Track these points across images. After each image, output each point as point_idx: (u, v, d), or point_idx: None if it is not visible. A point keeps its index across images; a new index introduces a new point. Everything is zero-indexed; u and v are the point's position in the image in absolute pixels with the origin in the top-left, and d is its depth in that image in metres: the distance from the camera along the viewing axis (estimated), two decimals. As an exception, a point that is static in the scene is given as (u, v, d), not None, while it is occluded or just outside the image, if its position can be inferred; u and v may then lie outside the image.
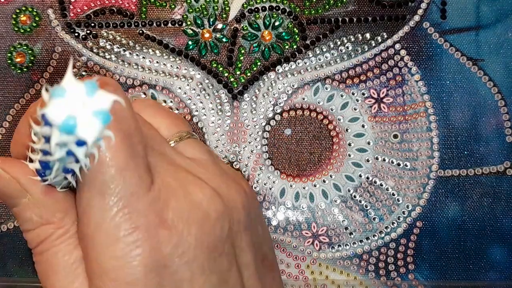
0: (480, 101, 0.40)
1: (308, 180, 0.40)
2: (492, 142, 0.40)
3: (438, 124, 0.40)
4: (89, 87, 0.21)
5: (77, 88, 0.21)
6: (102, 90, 0.21)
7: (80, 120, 0.20)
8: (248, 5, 0.40)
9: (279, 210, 0.40)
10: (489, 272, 0.40)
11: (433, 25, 0.40)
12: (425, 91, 0.40)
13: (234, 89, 0.40)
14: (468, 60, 0.40)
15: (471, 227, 0.40)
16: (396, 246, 0.40)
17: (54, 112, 0.20)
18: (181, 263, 0.25)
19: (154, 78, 0.40)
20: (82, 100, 0.21)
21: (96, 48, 0.40)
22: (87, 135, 0.21)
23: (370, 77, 0.40)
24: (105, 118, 0.21)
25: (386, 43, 0.40)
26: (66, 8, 0.40)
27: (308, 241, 0.40)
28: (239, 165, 0.40)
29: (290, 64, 0.40)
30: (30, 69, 0.40)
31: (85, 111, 0.20)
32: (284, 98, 0.40)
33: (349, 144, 0.40)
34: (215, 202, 0.27)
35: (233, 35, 0.40)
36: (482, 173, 0.40)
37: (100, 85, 0.21)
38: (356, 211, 0.40)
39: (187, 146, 0.30)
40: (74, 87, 0.21)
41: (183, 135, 0.31)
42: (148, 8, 0.40)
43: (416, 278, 0.40)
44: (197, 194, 0.26)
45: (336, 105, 0.40)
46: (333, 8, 0.40)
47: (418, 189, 0.40)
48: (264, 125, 0.40)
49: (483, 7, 0.39)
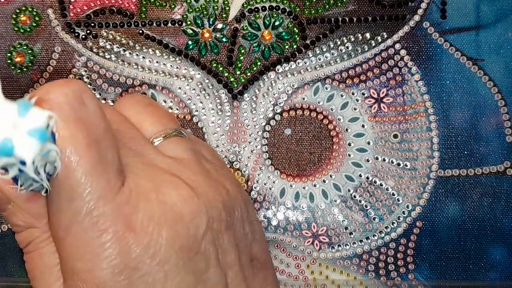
0: (480, 101, 0.40)
1: (308, 180, 0.40)
2: (492, 142, 0.40)
3: (438, 124, 0.40)
4: (21, 106, 0.21)
5: (9, 110, 0.21)
6: (35, 107, 0.21)
7: (16, 141, 0.21)
8: (248, 5, 0.40)
9: (279, 210, 0.40)
10: (489, 272, 0.40)
11: (433, 25, 0.40)
12: (425, 91, 0.40)
13: (234, 89, 0.40)
14: (468, 60, 0.40)
15: (471, 227, 0.40)
16: (396, 246, 0.40)
17: None
18: (153, 264, 0.25)
19: (154, 78, 0.40)
20: (15, 121, 0.21)
21: (96, 48, 0.40)
22: (26, 155, 0.21)
23: (370, 77, 0.40)
24: (41, 135, 0.21)
25: (386, 43, 0.40)
26: (66, 8, 0.40)
27: (308, 241, 0.40)
28: (239, 165, 0.40)
29: (290, 64, 0.40)
30: (30, 69, 0.40)
31: (19, 131, 0.21)
32: (284, 98, 0.40)
33: (349, 144, 0.40)
34: (190, 202, 0.27)
35: (233, 35, 0.40)
36: (482, 173, 0.40)
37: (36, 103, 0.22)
38: (356, 211, 0.40)
39: (171, 144, 0.30)
40: (5, 110, 0.21)
41: (168, 133, 0.31)
42: (148, 8, 0.40)
43: (416, 278, 0.40)
44: (172, 194, 0.27)
45: (336, 105, 0.40)
46: (333, 8, 0.40)
47: (418, 189, 0.40)
48: (264, 125, 0.40)
49: (483, 7, 0.39)
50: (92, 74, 0.40)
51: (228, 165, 0.40)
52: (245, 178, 0.40)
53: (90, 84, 0.40)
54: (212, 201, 0.28)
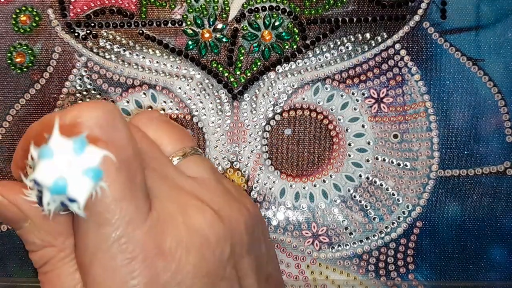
0: (480, 101, 0.40)
1: (308, 180, 0.40)
2: (492, 142, 0.40)
3: (438, 124, 0.40)
4: (78, 144, 0.21)
5: (65, 147, 0.20)
6: (91, 145, 0.21)
7: (70, 181, 0.20)
8: (248, 5, 0.40)
9: (279, 210, 0.40)
10: (489, 272, 0.40)
11: (433, 25, 0.40)
12: (425, 91, 0.40)
13: (234, 89, 0.40)
14: (468, 60, 0.40)
15: (471, 227, 0.40)
16: (396, 246, 0.40)
17: (43, 176, 0.20)
18: None
19: (154, 78, 0.40)
20: (70, 160, 0.20)
21: (96, 48, 0.40)
22: (78, 195, 0.21)
23: (370, 77, 0.40)
24: (96, 175, 0.21)
25: (386, 43, 0.40)
26: (66, 8, 0.40)
27: (308, 241, 0.40)
28: (239, 165, 0.40)
29: (290, 64, 0.40)
30: (30, 69, 0.40)
31: (74, 170, 0.20)
32: (284, 98, 0.40)
33: (349, 144, 0.40)
34: (215, 226, 0.26)
35: (233, 35, 0.40)
36: (482, 173, 0.40)
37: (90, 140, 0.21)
38: (356, 211, 0.40)
39: (190, 163, 0.30)
40: (61, 147, 0.20)
41: (187, 151, 0.30)
42: (148, 8, 0.40)
43: (416, 278, 0.40)
44: (197, 218, 0.26)
45: (336, 105, 0.40)
46: (333, 8, 0.40)
47: (418, 189, 0.40)
48: (264, 125, 0.40)
49: (483, 7, 0.39)
50: (92, 74, 0.40)
51: (228, 165, 0.40)
52: (245, 178, 0.40)
53: (90, 84, 0.40)
54: (234, 223, 0.27)
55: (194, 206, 0.26)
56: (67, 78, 0.40)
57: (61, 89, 0.40)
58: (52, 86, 0.40)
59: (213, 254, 0.26)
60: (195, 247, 0.25)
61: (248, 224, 0.28)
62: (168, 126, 0.31)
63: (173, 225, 0.25)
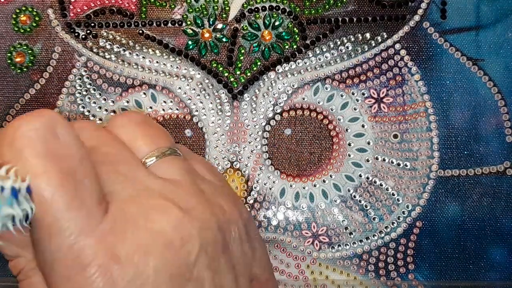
0: (480, 101, 0.40)
1: (308, 180, 0.40)
2: (492, 142, 0.40)
3: (438, 124, 0.40)
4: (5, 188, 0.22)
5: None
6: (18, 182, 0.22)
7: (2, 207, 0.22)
8: (248, 5, 0.40)
9: (279, 210, 0.40)
10: (489, 272, 0.40)
11: (433, 25, 0.40)
12: (425, 91, 0.40)
13: (234, 89, 0.40)
14: (468, 60, 0.40)
15: (471, 227, 0.40)
16: (396, 246, 0.40)
17: None
18: None
19: (154, 78, 0.40)
20: None
21: (96, 48, 0.40)
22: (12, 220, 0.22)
23: (370, 77, 0.40)
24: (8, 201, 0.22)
25: (386, 43, 0.40)
26: (66, 8, 0.40)
27: (308, 241, 0.40)
28: (239, 165, 0.40)
29: (290, 64, 0.40)
30: (30, 69, 0.40)
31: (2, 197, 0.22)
32: (284, 98, 0.40)
33: (349, 144, 0.40)
34: (180, 227, 0.26)
35: (233, 35, 0.40)
36: (482, 173, 0.40)
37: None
38: (356, 211, 0.40)
39: (164, 164, 0.29)
40: None
41: (162, 152, 0.30)
42: (148, 8, 0.40)
43: (416, 278, 0.40)
44: (160, 221, 0.26)
45: (336, 105, 0.40)
46: (333, 8, 0.40)
47: (418, 189, 0.40)
48: (264, 125, 0.40)
49: (483, 7, 0.39)
50: (92, 74, 0.40)
51: (228, 165, 0.40)
52: (245, 178, 0.40)
53: (90, 84, 0.40)
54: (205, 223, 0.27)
55: (158, 207, 0.26)
56: (67, 78, 0.40)
57: (61, 89, 0.40)
58: (52, 86, 0.40)
59: (177, 257, 0.25)
60: (157, 250, 0.25)
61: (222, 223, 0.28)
62: (144, 127, 0.31)
63: (133, 228, 0.25)
